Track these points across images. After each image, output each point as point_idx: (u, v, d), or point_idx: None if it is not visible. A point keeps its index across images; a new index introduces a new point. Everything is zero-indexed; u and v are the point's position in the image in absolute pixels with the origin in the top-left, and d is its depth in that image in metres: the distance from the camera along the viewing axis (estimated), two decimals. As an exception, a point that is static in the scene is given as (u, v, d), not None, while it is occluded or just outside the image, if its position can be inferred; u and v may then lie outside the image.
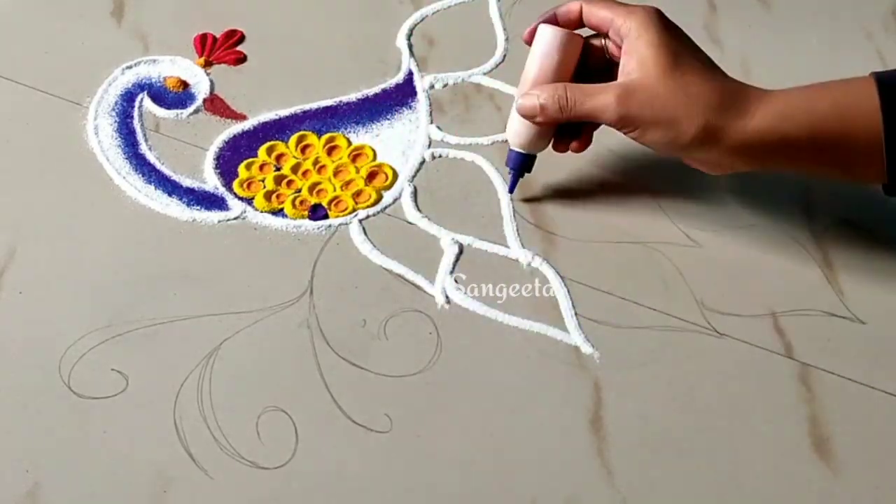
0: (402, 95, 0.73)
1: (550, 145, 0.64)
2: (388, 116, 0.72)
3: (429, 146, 0.70)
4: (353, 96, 0.73)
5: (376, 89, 0.73)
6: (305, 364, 0.59)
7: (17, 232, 0.64)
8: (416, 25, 0.78)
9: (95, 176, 0.67)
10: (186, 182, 0.67)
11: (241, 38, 0.77)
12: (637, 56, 0.58)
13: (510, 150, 0.64)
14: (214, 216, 0.66)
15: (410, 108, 0.72)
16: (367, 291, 0.62)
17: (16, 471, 0.54)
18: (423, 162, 0.69)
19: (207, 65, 0.75)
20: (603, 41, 0.62)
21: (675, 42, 0.58)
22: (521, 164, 0.65)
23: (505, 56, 0.76)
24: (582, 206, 0.67)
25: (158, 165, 0.68)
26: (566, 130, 0.64)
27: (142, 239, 0.64)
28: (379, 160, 0.69)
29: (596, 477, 0.55)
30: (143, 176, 0.67)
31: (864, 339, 0.61)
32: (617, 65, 0.60)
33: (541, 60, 0.62)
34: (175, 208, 0.66)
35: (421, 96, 0.73)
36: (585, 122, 0.61)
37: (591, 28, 0.62)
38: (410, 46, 0.76)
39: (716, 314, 0.61)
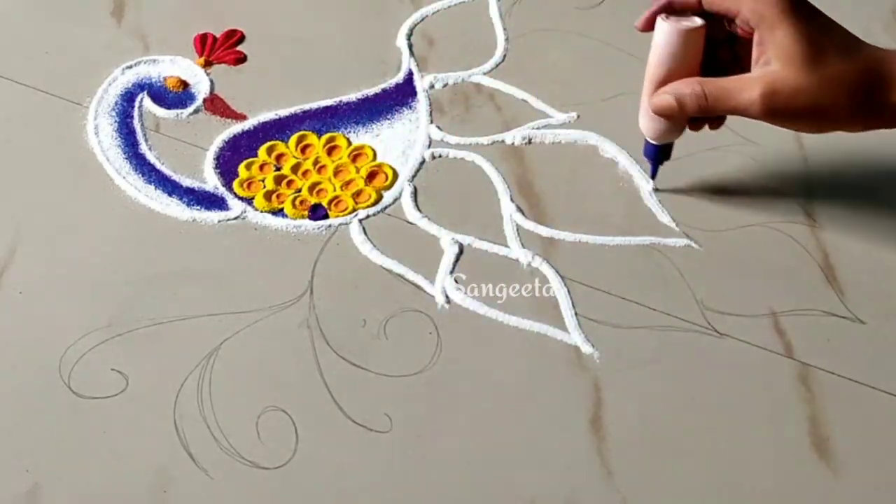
0: (402, 95, 0.73)
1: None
2: (388, 116, 0.72)
3: (429, 146, 0.70)
4: (353, 96, 0.73)
5: (376, 89, 0.73)
6: (305, 364, 0.59)
7: (17, 232, 0.64)
8: (416, 25, 0.78)
9: (95, 176, 0.67)
10: (186, 182, 0.67)
11: (241, 38, 0.77)
12: (774, 47, 0.56)
13: (647, 142, 0.64)
14: (214, 216, 0.66)
15: (410, 107, 0.72)
16: (367, 291, 0.62)
17: (16, 471, 0.54)
18: (423, 162, 0.69)
19: (207, 65, 0.75)
20: (728, 25, 0.59)
21: (813, 27, 0.56)
22: (660, 154, 0.64)
23: (505, 56, 0.76)
24: (581, 205, 0.67)
25: (158, 165, 0.68)
26: None
27: (142, 239, 0.64)
28: (379, 160, 0.69)
29: (596, 477, 0.55)
30: (143, 176, 0.68)
31: (864, 339, 0.61)
32: (742, 47, 0.58)
33: (667, 59, 0.59)
34: (175, 208, 0.66)
35: (421, 96, 0.73)
36: None
37: (716, 14, 0.58)
38: (410, 46, 0.76)
39: (716, 314, 0.61)
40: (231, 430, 0.56)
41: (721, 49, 0.60)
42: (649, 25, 0.60)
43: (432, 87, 0.74)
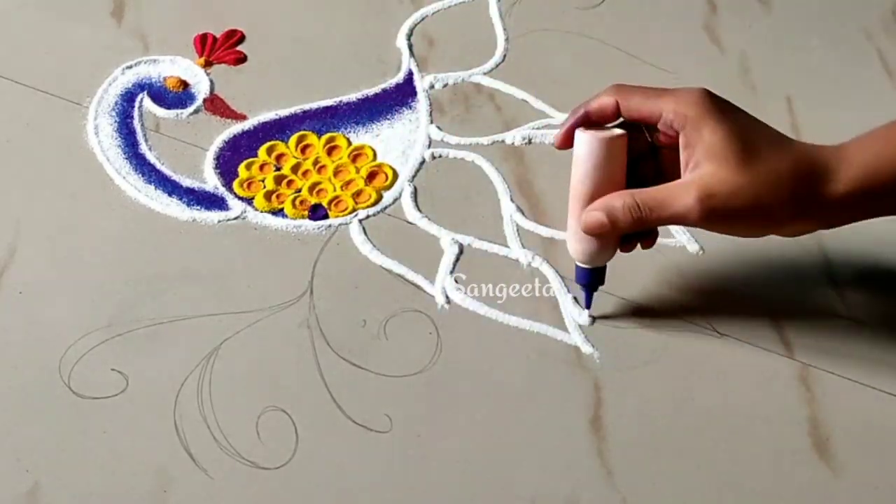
0: (402, 95, 0.73)
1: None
2: (388, 116, 0.72)
3: (429, 146, 0.70)
4: (353, 96, 0.73)
5: (376, 89, 0.73)
6: (305, 364, 0.59)
7: (17, 232, 0.64)
8: (416, 25, 0.78)
9: (95, 176, 0.67)
10: (186, 182, 0.67)
11: (241, 38, 0.77)
12: (704, 148, 0.53)
13: (578, 266, 0.59)
14: (214, 216, 0.66)
15: (410, 108, 0.72)
16: (367, 291, 0.62)
17: (16, 471, 0.54)
18: (423, 162, 0.69)
19: (207, 65, 0.75)
20: (648, 136, 0.57)
21: (740, 124, 0.53)
22: (593, 279, 0.59)
23: (505, 56, 0.76)
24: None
25: (158, 165, 0.68)
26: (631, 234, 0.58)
27: (142, 239, 0.64)
28: (379, 160, 0.69)
29: (596, 477, 0.55)
30: (143, 176, 0.68)
31: (864, 339, 0.61)
32: (665, 158, 0.56)
33: (592, 172, 0.55)
34: (175, 208, 0.66)
35: (421, 96, 0.73)
36: None
37: (636, 121, 0.56)
38: (410, 46, 0.76)
39: (716, 314, 0.61)
40: (231, 430, 0.56)
41: (643, 163, 0.57)
42: (568, 141, 0.56)
43: (432, 87, 0.74)
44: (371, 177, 0.68)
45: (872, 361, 0.60)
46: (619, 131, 0.56)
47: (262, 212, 0.66)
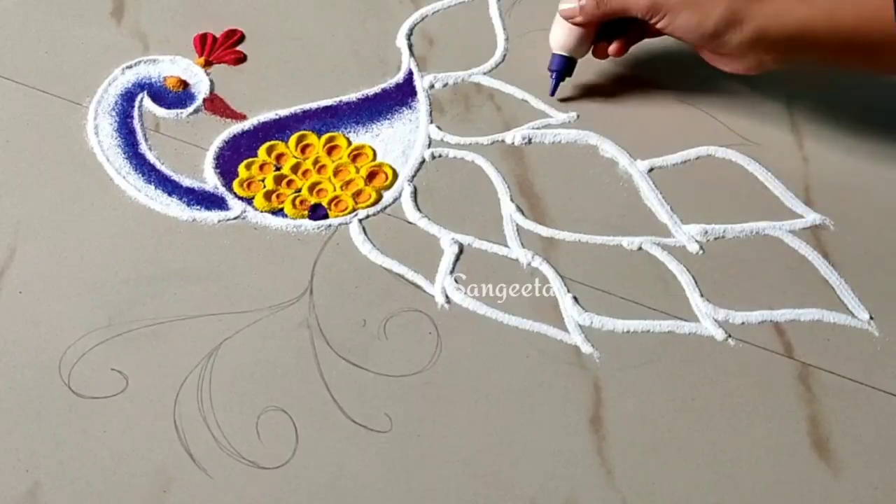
0: (402, 95, 0.73)
1: (590, 52, 0.71)
2: (388, 116, 0.72)
3: (429, 146, 0.70)
4: (353, 96, 0.73)
5: (376, 89, 0.73)
6: (305, 364, 0.59)
7: (17, 232, 0.64)
8: (416, 25, 0.78)
9: (95, 176, 0.67)
10: (186, 182, 0.67)
11: (241, 38, 0.77)
12: None
13: (553, 54, 0.71)
14: (214, 216, 0.66)
15: (410, 107, 0.72)
16: (367, 291, 0.62)
17: (16, 471, 0.54)
18: (423, 162, 0.69)
19: (207, 65, 0.75)
20: None
21: None
22: (563, 67, 0.71)
23: (505, 56, 0.76)
24: (581, 205, 0.67)
25: (158, 165, 0.68)
26: (605, 35, 0.70)
27: (142, 239, 0.64)
28: (379, 160, 0.69)
29: (596, 477, 0.55)
30: (143, 176, 0.68)
31: (864, 339, 0.61)
32: None
33: None
34: (175, 208, 0.66)
35: (421, 96, 0.73)
36: (626, 27, 0.69)
37: None
38: (410, 46, 0.76)
39: (716, 314, 0.61)
40: (231, 430, 0.56)
41: None
42: None
43: (432, 86, 0.74)
44: (371, 177, 0.68)
45: (872, 361, 0.60)
46: None
47: (262, 212, 0.66)
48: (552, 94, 0.72)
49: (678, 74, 0.74)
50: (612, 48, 0.70)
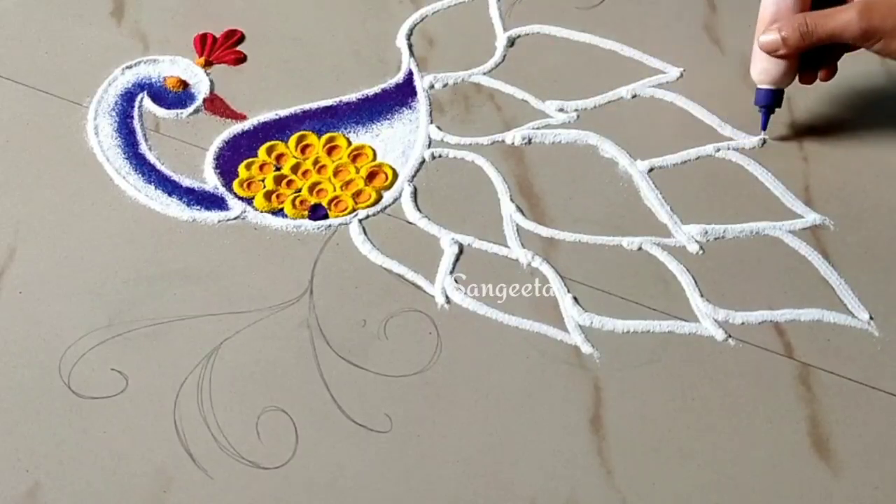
0: (402, 95, 0.73)
1: (797, 79, 0.67)
2: (388, 116, 0.72)
3: (429, 146, 0.70)
4: (353, 96, 0.73)
5: (376, 89, 0.73)
6: (305, 364, 0.59)
7: (17, 232, 0.64)
8: (416, 25, 0.78)
9: (95, 176, 0.67)
10: (186, 182, 0.67)
11: (241, 38, 0.77)
12: None
13: (758, 88, 0.67)
14: (214, 216, 0.66)
15: (410, 107, 0.72)
16: (367, 291, 0.62)
17: (16, 471, 0.54)
18: (423, 162, 0.69)
19: (207, 65, 0.75)
20: None
21: None
22: (772, 101, 0.67)
23: (505, 56, 0.76)
24: (581, 205, 0.67)
25: (158, 165, 0.68)
26: (810, 62, 0.67)
27: (142, 239, 0.64)
28: (379, 160, 0.69)
29: (596, 477, 0.55)
30: (143, 176, 0.68)
31: (864, 340, 0.61)
32: None
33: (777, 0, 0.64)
34: (175, 208, 0.66)
35: (421, 96, 0.73)
36: (829, 49, 0.65)
37: None
38: (410, 46, 0.76)
39: (716, 314, 0.61)
40: (231, 430, 0.56)
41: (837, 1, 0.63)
42: None
43: (432, 86, 0.74)
44: (371, 177, 0.68)
45: (872, 361, 0.60)
46: None
47: (262, 212, 0.66)
48: (763, 128, 0.69)
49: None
50: (822, 73, 0.67)
